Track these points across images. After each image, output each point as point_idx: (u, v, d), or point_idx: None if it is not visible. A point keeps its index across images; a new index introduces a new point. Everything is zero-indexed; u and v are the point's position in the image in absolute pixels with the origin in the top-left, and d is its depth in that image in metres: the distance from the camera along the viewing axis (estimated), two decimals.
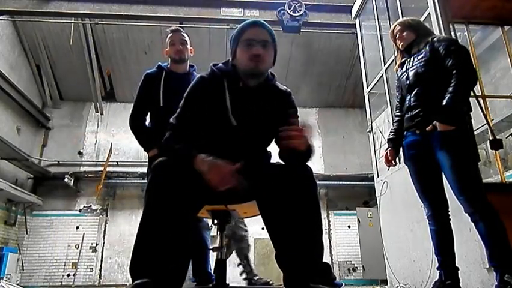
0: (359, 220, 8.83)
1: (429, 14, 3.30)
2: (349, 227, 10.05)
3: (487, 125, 3.15)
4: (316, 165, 10.00)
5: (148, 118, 2.59)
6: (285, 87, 1.63)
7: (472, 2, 3.78)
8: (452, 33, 3.21)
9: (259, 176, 1.40)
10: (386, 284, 4.05)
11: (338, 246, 9.98)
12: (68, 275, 8.98)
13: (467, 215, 1.99)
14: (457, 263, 2.11)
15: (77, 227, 9.48)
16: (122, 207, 9.80)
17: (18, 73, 9.27)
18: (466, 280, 2.55)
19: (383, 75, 4.22)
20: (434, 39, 2.21)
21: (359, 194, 10.22)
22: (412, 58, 2.29)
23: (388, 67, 4.10)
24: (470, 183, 2.00)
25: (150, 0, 6.39)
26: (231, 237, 2.80)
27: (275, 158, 1.61)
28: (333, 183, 10.09)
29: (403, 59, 2.39)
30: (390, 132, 2.42)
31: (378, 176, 4.29)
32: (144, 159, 3.15)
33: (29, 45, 9.40)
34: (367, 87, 4.73)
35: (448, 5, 3.33)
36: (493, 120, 4.86)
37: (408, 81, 2.27)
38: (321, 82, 10.59)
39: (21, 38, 9.25)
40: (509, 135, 6.56)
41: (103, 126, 10.61)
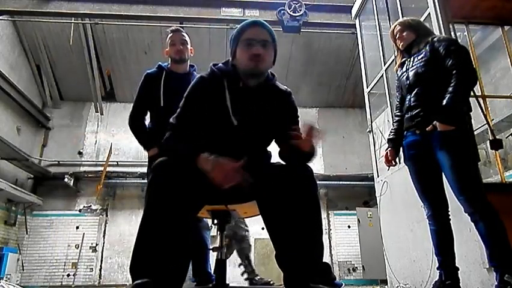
0: (359, 220, 8.82)
1: (429, 14, 3.30)
2: (349, 227, 10.05)
3: (487, 125, 3.15)
4: (316, 165, 9.99)
5: (148, 118, 2.59)
6: (285, 87, 1.63)
7: (472, 2, 3.78)
8: (452, 33, 3.21)
9: (259, 176, 1.39)
10: (386, 284, 4.05)
11: (338, 246, 9.98)
12: (68, 275, 8.98)
13: (467, 215, 1.99)
14: (457, 263, 2.11)
15: (77, 227, 9.48)
16: (122, 207, 9.80)
17: (18, 73, 9.26)
18: (466, 280, 2.55)
19: (383, 75, 4.22)
20: (434, 39, 2.21)
21: (359, 194, 10.21)
22: (412, 58, 2.29)
23: (388, 67, 4.10)
24: (470, 183, 2.00)
25: (150, 0, 6.39)
26: (232, 237, 2.80)
27: (275, 158, 1.61)
28: (333, 183, 10.09)
29: (403, 59, 2.39)
30: (390, 132, 2.42)
31: (378, 176, 4.29)
32: (144, 159, 3.15)
33: (29, 45, 9.39)
34: (367, 87, 4.73)
35: (448, 5, 3.33)
36: (493, 120, 4.85)
37: (408, 81, 2.27)
38: (321, 82, 10.59)
39: (21, 38, 9.24)
40: (509, 135, 6.56)
41: (103, 126, 10.61)
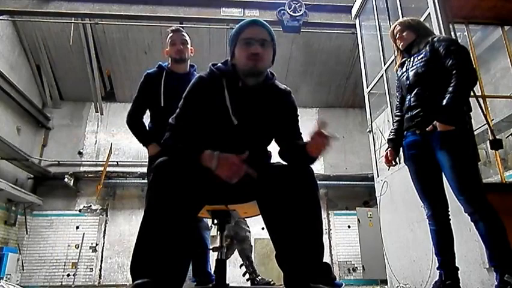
0: (359, 220, 8.82)
1: (429, 14, 3.30)
2: (349, 227, 10.05)
3: (487, 125, 3.15)
4: (316, 165, 9.91)
5: (148, 118, 2.59)
6: (285, 86, 1.63)
7: (472, 2, 3.78)
8: (452, 33, 3.21)
9: (260, 176, 1.39)
10: (386, 284, 4.05)
11: (338, 246, 9.98)
12: (68, 275, 8.97)
13: (467, 215, 1.99)
14: (457, 263, 2.11)
15: (77, 227, 9.48)
16: (122, 207, 9.80)
17: (18, 73, 9.26)
18: (466, 280, 2.55)
19: (383, 75, 4.22)
20: (434, 39, 2.21)
21: (359, 194, 10.21)
22: (412, 58, 2.29)
23: (388, 67, 4.10)
24: (470, 183, 2.00)
25: (150, 0, 6.39)
26: (233, 237, 2.80)
27: (275, 158, 1.61)
28: (333, 183, 10.08)
29: (403, 59, 2.39)
30: (390, 132, 2.42)
31: (378, 176, 4.29)
32: (144, 159, 3.15)
33: (29, 45, 9.39)
34: (367, 87, 4.73)
35: (448, 5, 3.33)
36: (493, 120, 4.85)
37: (408, 81, 2.27)
38: (321, 82, 10.58)
39: (21, 38, 9.24)
40: (509, 135, 6.56)
41: (103, 126, 10.61)
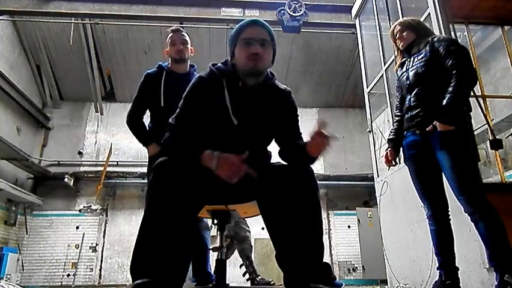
0: (359, 220, 8.82)
1: (429, 14, 3.30)
2: (349, 227, 10.05)
3: (487, 125, 3.15)
4: (316, 165, 9.92)
5: (147, 118, 2.59)
6: (285, 86, 1.63)
7: (472, 2, 3.78)
8: (452, 33, 3.21)
9: (260, 176, 1.39)
10: (386, 284, 4.05)
11: (338, 246, 9.97)
12: (68, 275, 8.97)
13: (467, 215, 1.99)
14: (457, 263, 2.11)
15: (77, 227, 9.48)
16: (122, 207, 9.80)
17: (18, 73, 9.26)
18: (466, 280, 2.55)
19: (383, 75, 4.22)
20: (434, 39, 2.21)
21: (359, 194, 10.21)
22: (412, 58, 2.29)
23: (388, 67, 4.10)
24: (470, 183, 2.00)
25: (150, 0, 6.39)
26: (233, 237, 2.80)
27: (275, 158, 1.61)
28: (333, 183, 10.08)
29: (403, 59, 2.39)
30: (390, 132, 2.42)
31: (378, 176, 4.29)
32: (144, 159, 3.14)
33: (29, 45, 9.39)
34: (367, 87, 4.73)
35: (448, 5, 3.33)
36: (493, 120, 4.86)
37: (408, 81, 2.27)
38: (321, 82, 10.58)
39: (21, 38, 9.24)
40: (509, 135, 6.56)
41: (103, 126, 10.61)
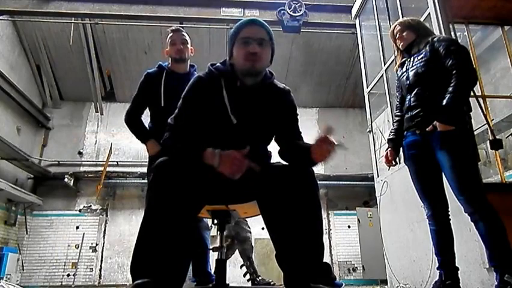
0: (359, 220, 8.82)
1: (429, 14, 3.30)
2: (349, 227, 10.04)
3: (487, 125, 3.15)
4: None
5: (147, 118, 2.59)
6: (284, 85, 1.62)
7: (472, 2, 3.78)
8: (452, 33, 3.21)
9: (260, 175, 1.39)
10: (386, 284, 4.05)
11: (338, 246, 9.97)
12: (68, 275, 8.97)
13: (467, 215, 1.99)
14: (457, 263, 2.11)
15: (77, 227, 9.47)
16: (122, 207, 9.80)
17: (18, 73, 9.26)
18: (466, 280, 2.55)
19: (383, 75, 4.22)
20: (434, 39, 2.21)
21: (359, 194, 10.21)
22: (412, 58, 2.29)
23: (388, 67, 4.10)
24: (470, 183, 2.00)
25: (150, 0, 6.39)
26: (234, 237, 2.80)
27: (275, 158, 1.61)
28: (333, 183, 10.08)
29: (403, 59, 2.39)
30: (390, 132, 2.42)
31: (378, 176, 4.29)
32: (144, 159, 3.15)
33: (29, 45, 9.39)
34: (367, 87, 4.73)
35: (448, 5, 3.33)
36: (493, 120, 4.85)
37: (408, 81, 2.27)
38: (321, 82, 10.58)
39: (21, 38, 9.24)
40: (509, 135, 6.56)
41: (103, 126, 10.61)
